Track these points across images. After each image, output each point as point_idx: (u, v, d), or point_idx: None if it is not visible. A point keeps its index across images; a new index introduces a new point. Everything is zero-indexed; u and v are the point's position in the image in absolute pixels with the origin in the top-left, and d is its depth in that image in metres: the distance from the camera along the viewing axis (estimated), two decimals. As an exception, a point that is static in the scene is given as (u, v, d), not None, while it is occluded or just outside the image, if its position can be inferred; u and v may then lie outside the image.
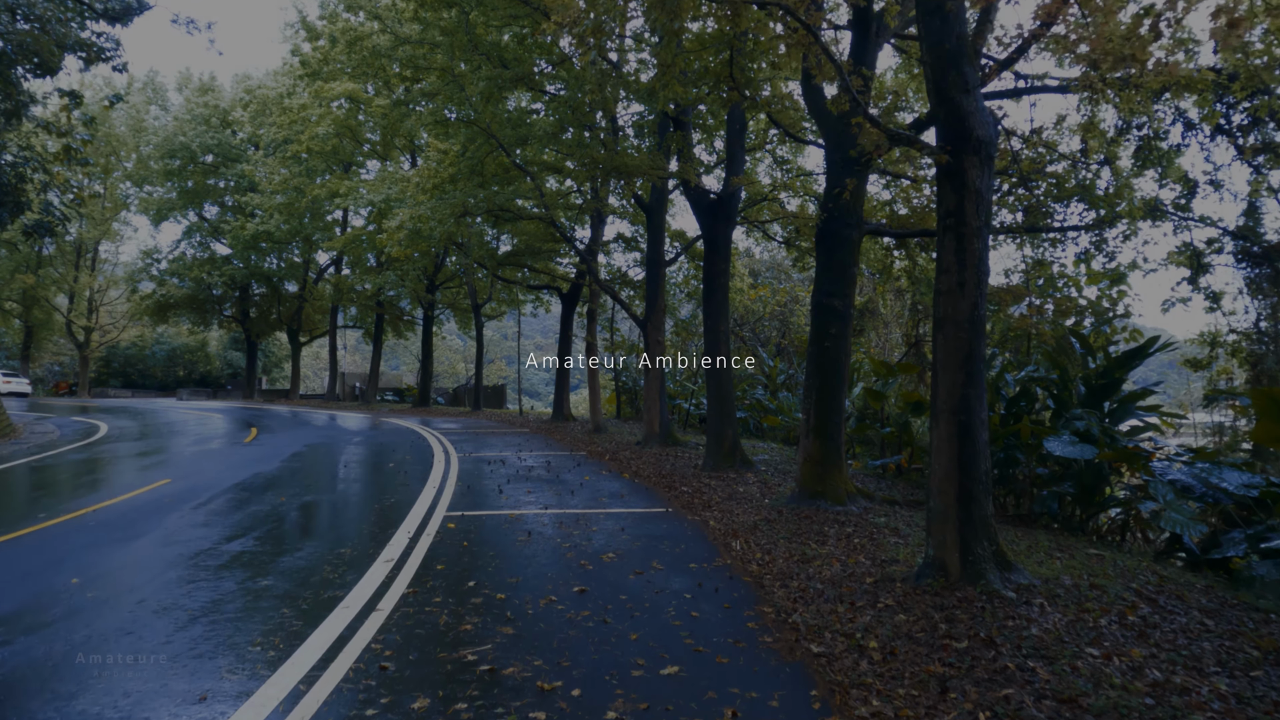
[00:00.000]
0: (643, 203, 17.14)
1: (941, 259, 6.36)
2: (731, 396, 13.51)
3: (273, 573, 6.25)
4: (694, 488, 11.04)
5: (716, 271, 13.60)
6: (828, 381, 9.76)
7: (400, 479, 11.43)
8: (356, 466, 12.85)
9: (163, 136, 35.81)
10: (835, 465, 9.76)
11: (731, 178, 13.24)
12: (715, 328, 13.52)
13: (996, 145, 6.48)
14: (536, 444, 17.04)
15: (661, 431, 16.66)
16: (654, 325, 16.79)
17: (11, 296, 42.00)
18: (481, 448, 16.07)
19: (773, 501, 9.99)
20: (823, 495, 9.64)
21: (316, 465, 12.95)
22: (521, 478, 11.66)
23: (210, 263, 37.27)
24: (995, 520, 6.49)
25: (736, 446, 13.21)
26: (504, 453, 15.10)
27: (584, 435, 19.22)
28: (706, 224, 13.75)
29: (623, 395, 27.60)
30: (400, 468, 12.61)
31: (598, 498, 10.03)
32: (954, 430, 6.21)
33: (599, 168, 13.39)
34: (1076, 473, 9.37)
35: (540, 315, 37.73)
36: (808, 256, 20.44)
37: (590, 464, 13.55)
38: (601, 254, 22.89)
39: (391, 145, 33.67)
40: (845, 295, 9.90)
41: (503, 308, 35.03)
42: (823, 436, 9.73)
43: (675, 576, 6.35)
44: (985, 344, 6.35)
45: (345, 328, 44.58)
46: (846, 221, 9.92)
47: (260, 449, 15.47)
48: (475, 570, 6.41)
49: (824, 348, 9.82)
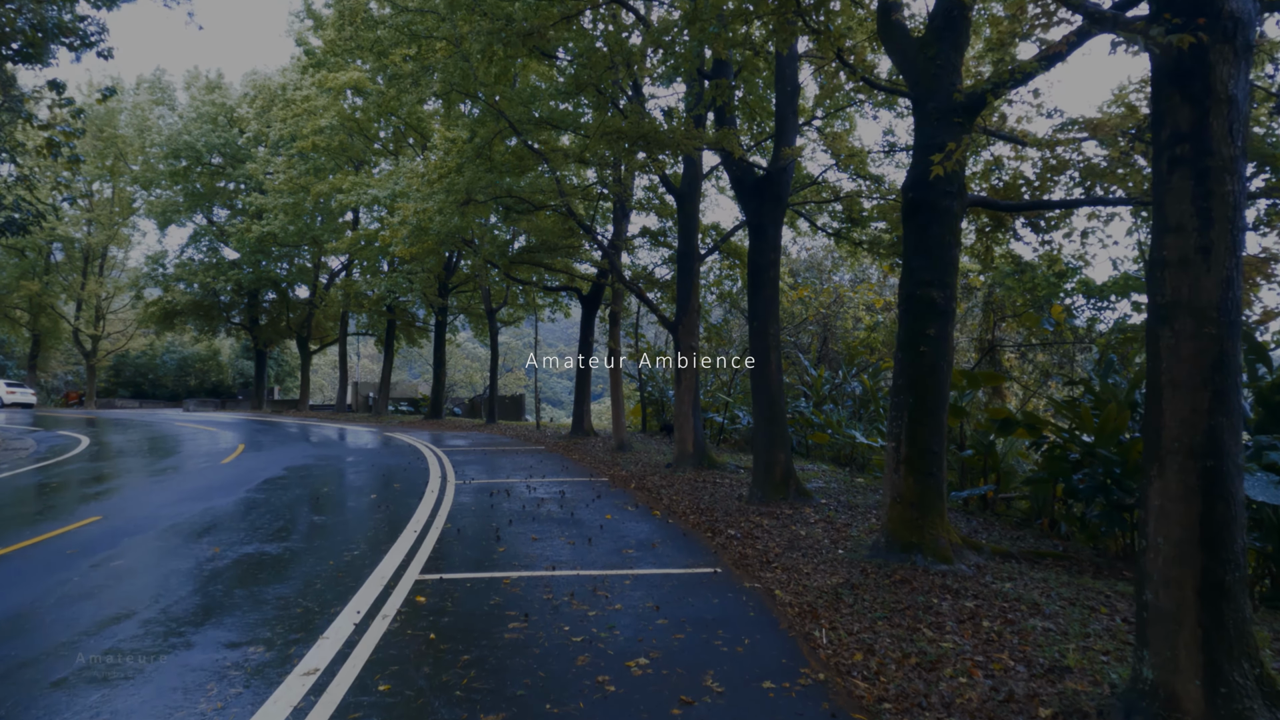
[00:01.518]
0: (673, 188, 14.90)
1: (1167, 211, 4.03)
2: (783, 413, 11.19)
3: (115, 706, 4.05)
4: (743, 530, 8.74)
5: (765, 263, 11.29)
6: (925, 398, 7.42)
7: (379, 517, 9.24)
8: (331, 499, 10.69)
9: (166, 136, 34.21)
10: (934, 509, 7.41)
11: (783, 149, 10.95)
12: (764, 330, 11.22)
13: (1256, 27, 4.15)
14: (551, 466, 14.81)
15: (696, 451, 14.36)
16: (686, 329, 14.52)
17: (18, 304, 40.75)
18: (487, 471, 13.87)
19: (849, 553, 7.67)
20: (918, 548, 7.30)
21: (284, 497, 10.82)
22: (527, 516, 9.42)
23: (216, 268, 35.60)
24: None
25: (790, 474, 10.88)
26: (512, 478, 12.88)
27: (606, 454, 16.97)
28: (752, 206, 11.46)
29: (649, 407, 25.31)
30: (384, 501, 10.43)
31: (622, 548, 7.75)
32: (1194, 481, 3.88)
33: (622, 142, 11.15)
34: (1275, 526, 6.92)
35: (560, 321, 35.65)
36: (860, 252, 18.07)
37: (613, 495, 11.28)
38: (625, 254, 20.68)
39: (404, 142, 31.81)
40: (946, 284, 7.57)
41: (520, 313, 32.96)
42: (919, 471, 7.39)
43: (747, 712, 4.05)
44: (1240, 345, 4.01)
45: (357, 335, 42.78)
46: (945, 190, 7.60)
47: (234, 472, 13.42)
48: (435, 697, 4.16)
49: (919, 354, 7.49)
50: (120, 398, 46.79)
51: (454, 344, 45.03)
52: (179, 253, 38.05)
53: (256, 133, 33.29)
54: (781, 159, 11.08)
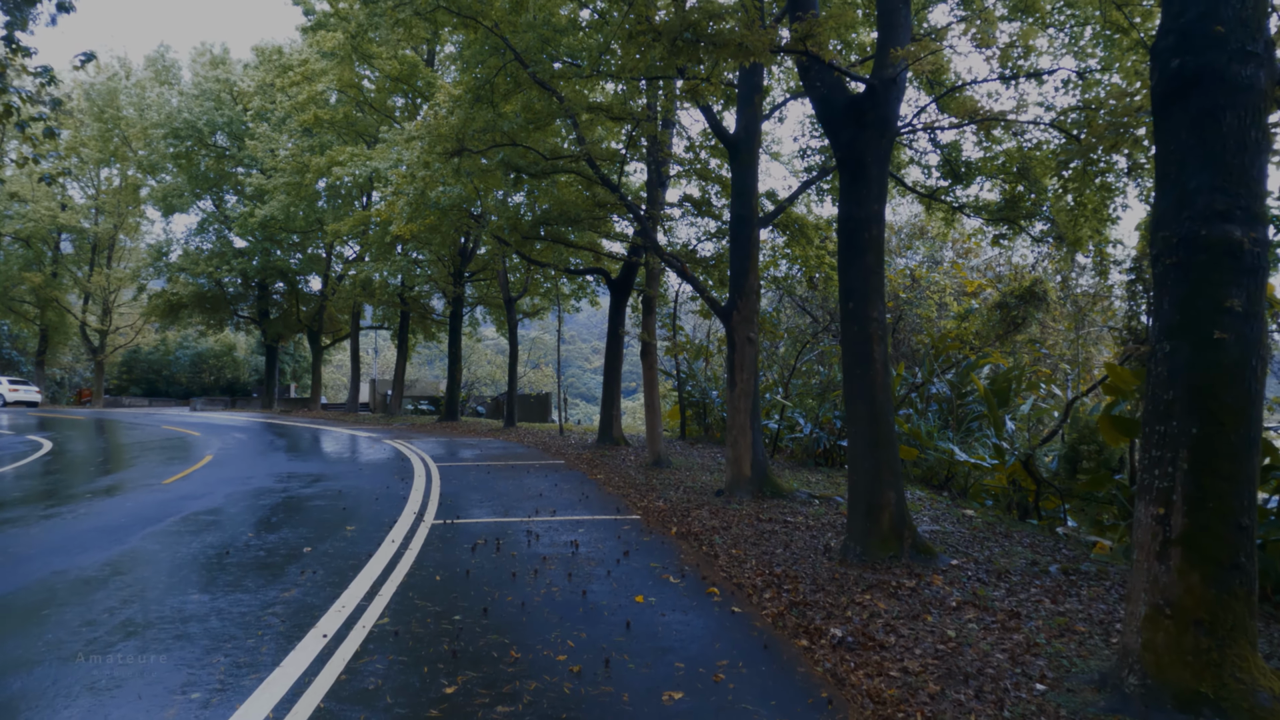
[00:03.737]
0: (725, 134, 11.55)
1: None
2: (893, 434, 7.78)
3: None
4: (854, 627, 5.40)
5: (864, 217, 7.88)
6: (1223, 428, 4.02)
7: (274, 613, 6.07)
8: (237, 560, 7.55)
9: (165, 114, 31.66)
10: (1240, 632, 4.01)
11: (890, 51, 7.51)
12: (862, 314, 7.81)
13: None
14: (567, 493, 11.58)
15: (755, 474, 11.02)
16: (742, 315, 11.17)
17: (24, 297, 38.79)
18: (483, 502, 10.69)
19: (1061, 695, 4.31)
20: (1210, 703, 3.92)
21: (175, 554, 7.73)
22: (517, 599, 6.15)
23: (220, 257, 32.99)
24: None
25: (904, 521, 7.49)
26: (510, 516, 9.66)
27: (638, 472, 13.69)
28: (846, 136, 8.03)
29: (688, 409, 21.93)
30: (312, 564, 7.25)
31: (663, 687, 4.43)
32: None
33: (661, 47, 7.79)
34: None
35: (588, 314, 32.50)
36: (956, 221, 14.55)
37: (646, 548, 7.99)
38: (661, 234, 17.34)
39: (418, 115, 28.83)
40: (1253, 216, 4.15)
41: (544, 303, 29.84)
42: (1212, 561, 4.00)
43: None
44: None
45: (374, 329, 40.07)
46: (1243, 50, 4.20)
47: (161, 498, 10.44)
48: None
49: (1210, 345, 4.10)
50: (131, 396, 44.76)
51: (474, 339, 42.07)
52: (183, 241, 35.64)
53: (259, 108, 30.54)
54: (889, 65, 7.65)
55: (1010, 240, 14.11)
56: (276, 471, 13.57)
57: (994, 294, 16.98)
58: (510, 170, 13.85)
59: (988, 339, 16.00)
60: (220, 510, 9.77)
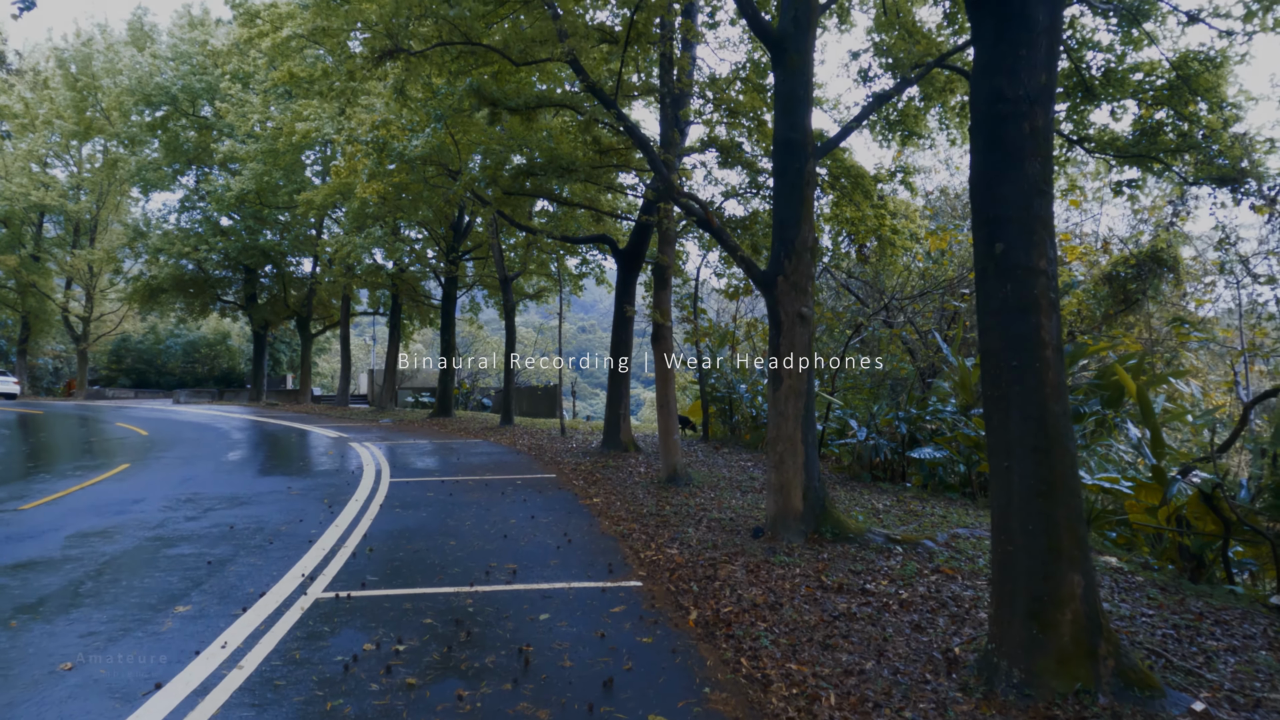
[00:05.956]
0: (767, 32, 8.24)
1: None
2: (1074, 468, 4.50)
3: None
4: None
5: (1023, 94, 4.56)
6: None
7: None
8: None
9: (136, 77, 28.74)
10: None
11: None
12: (1023, 260, 4.51)
13: None
14: (545, 531, 8.41)
15: (809, 506, 7.78)
16: (791, 281, 7.92)
17: (3, 281, 36.28)
18: (417, 551, 7.55)
19: None
20: None
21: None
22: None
23: (199, 237, 30.07)
24: None
25: (1097, 624, 4.24)
26: (440, 584, 6.51)
27: (647, 494, 10.49)
28: None
29: (711, 406, 18.66)
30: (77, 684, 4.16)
31: None
32: None
33: None
34: None
35: (596, 293, 29.28)
36: (1072, 156, 11.21)
37: (647, 658, 4.78)
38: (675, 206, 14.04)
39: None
40: None
41: (549, 285, 26.70)
42: None
43: None
44: None
45: (367, 314, 37.10)
46: None
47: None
48: None
49: None
50: (119, 387, 42.26)
51: (476, 325, 38.96)
52: (161, 219, 32.81)
53: (236, 69, 27.52)
54: None
55: (1140, 189, 10.73)
56: (182, 492, 10.54)
57: (1101, 263, 13.48)
58: (483, 102, 10.63)
59: (1091, 319, 12.58)
60: (34, 564, 6.72)
